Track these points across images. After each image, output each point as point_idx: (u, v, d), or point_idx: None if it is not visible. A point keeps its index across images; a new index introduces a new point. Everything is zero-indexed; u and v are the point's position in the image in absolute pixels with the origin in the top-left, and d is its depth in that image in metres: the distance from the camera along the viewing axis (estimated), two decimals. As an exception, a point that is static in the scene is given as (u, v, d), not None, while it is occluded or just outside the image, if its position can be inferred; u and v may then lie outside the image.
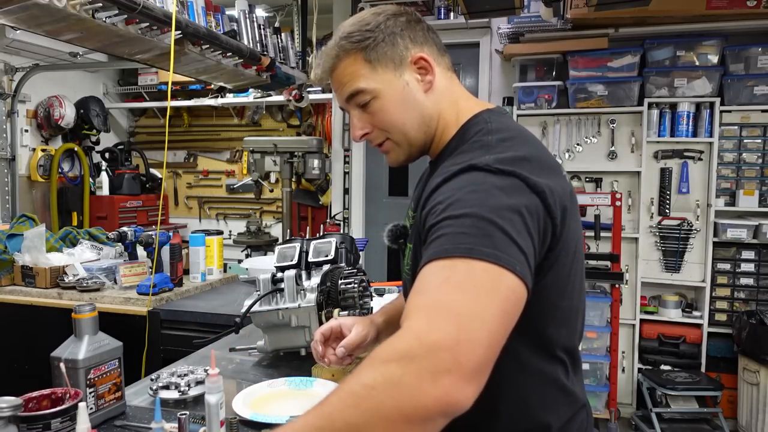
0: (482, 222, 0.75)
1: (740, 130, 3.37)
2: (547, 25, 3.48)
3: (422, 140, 1.01)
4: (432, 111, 0.99)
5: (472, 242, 0.73)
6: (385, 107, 0.97)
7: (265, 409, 1.19)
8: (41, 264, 2.51)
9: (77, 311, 1.15)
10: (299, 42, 3.85)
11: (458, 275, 0.72)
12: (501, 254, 0.73)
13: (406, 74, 0.97)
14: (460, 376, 0.64)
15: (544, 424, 0.92)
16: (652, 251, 3.54)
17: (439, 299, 0.70)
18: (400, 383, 0.64)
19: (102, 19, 2.12)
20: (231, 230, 5.37)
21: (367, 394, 0.65)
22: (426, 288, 0.73)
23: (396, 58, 0.96)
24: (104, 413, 1.16)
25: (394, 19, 0.98)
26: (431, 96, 0.98)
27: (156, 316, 2.24)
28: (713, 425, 3.31)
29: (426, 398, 0.63)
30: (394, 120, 0.98)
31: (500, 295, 0.72)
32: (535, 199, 0.81)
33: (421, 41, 0.98)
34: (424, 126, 0.99)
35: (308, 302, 1.44)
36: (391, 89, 0.97)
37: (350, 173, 4.33)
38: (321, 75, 1.03)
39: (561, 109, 3.59)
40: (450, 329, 0.66)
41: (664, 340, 3.50)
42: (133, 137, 5.73)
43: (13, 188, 4.50)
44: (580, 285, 0.97)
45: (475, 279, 0.71)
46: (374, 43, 0.96)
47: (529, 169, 0.82)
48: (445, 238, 0.76)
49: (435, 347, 0.65)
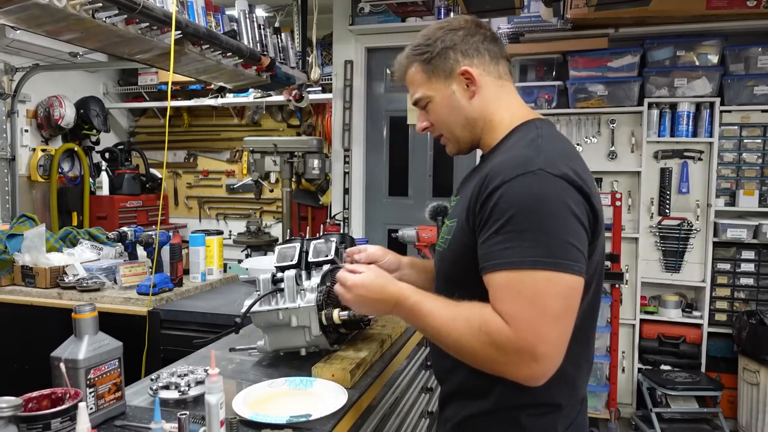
0: (542, 235, 0.95)
1: (740, 130, 3.37)
2: (547, 25, 3.49)
3: (468, 138, 1.19)
4: (476, 114, 1.16)
5: (535, 255, 0.94)
6: (436, 110, 1.18)
7: (265, 409, 1.19)
8: (41, 264, 2.51)
9: (77, 311, 1.15)
10: (299, 42, 3.85)
11: (528, 289, 0.94)
12: (559, 261, 0.94)
13: (454, 84, 1.15)
14: (534, 371, 0.94)
15: (540, 403, 1.07)
16: (652, 251, 3.54)
17: (518, 311, 0.94)
18: (493, 362, 0.98)
19: (102, 19, 2.11)
20: (231, 230, 5.37)
21: (468, 354, 1.01)
22: (505, 297, 0.96)
23: (447, 70, 1.15)
24: (104, 413, 1.16)
25: (453, 34, 1.15)
26: (476, 102, 1.15)
27: (156, 316, 2.24)
28: (713, 425, 3.31)
29: (509, 376, 0.97)
30: (442, 121, 1.19)
31: (562, 295, 0.94)
32: (580, 198, 0.99)
33: (472, 54, 1.14)
34: (469, 126, 1.17)
35: (308, 302, 1.44)
36: (441, 96, 1.16)
37: (350, 173, 4.33)
38: (397, 76, 1.24)
39: (561, 109, 3.59)
40: (529, 337, 0.93)
41: (664, 340, 3.50)
42: (133, 137, 5.73)
43: (13, 188, 4.50)
44: (599, 281, 1.12)
45: (542, 290, 0.94)
46: (430, 57, 1.15)
47: (575, 171, 1.00)
48: (511, 250, 0.96)
49: (520, 349, 0.93)
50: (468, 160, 4.15)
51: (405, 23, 4.00)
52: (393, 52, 4.23)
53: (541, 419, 1.08)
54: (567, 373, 1.04)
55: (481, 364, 1.01)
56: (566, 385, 1.08)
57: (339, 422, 1.18)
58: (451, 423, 1.17)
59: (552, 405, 1.08)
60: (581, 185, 0.99)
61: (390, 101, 4.35)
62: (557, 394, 1.07)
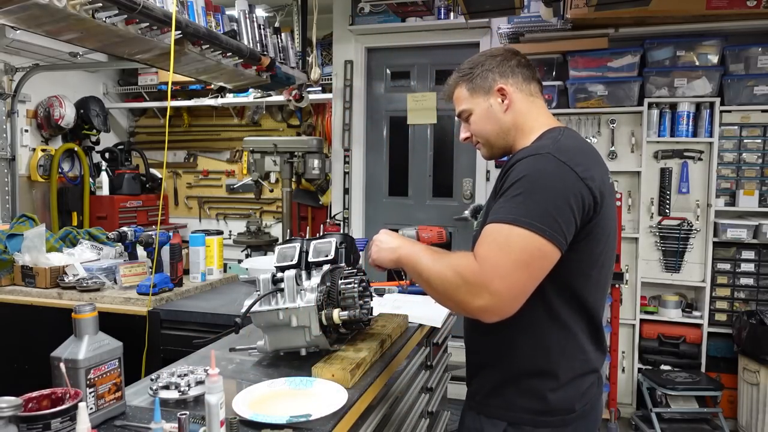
0: (530, 201, 1.13)
1: (740, 130, 3.37)
2: (547, 25, 3.48)
3: (502, 145, 1.38)
4: (509, 125, 1.35)
5: (517, 213, 1.13)
6: (475, 121, 1.38)
7: (265, 409, 1.19)
8: (41, 264, 2.51)
9: (77, 311, 1.15)
10: (299, 42, 3.85)
11: (502, 237, 1.13)
12: (536, 224, 1.11)
13: (491, 99, 1.35)
14: (488, 301, 1.11)
15: (555, 369, 1.24)
16: (652, 251, 3.54)
17: (488, 252, 1.13)
18: (457, 289, 1.15)
19: (102, 19, 2.12)
20: (231, 230, 5.37)
21: (440, 284, 1.19)
22: (483, 241, 1.16)
23: (486, 88, 1.35)
24: (104, 413, 1.16)
25: (492, 59, 1.37)
26: (509, 114, 1.34)
27: (156, 316, 2.24)
28: (713, 425, 3.31)
29: (466, 305, 1.15)
30: (480, 130, 1.38)
31: (528, 251, 1.11)
32: (579, 183, 1.16)
33: (507, 74, 1.35)
34: (503, 134, 1.36)
35: (308, 302, 1.44)
36: (480, 109, 1.36)
37: (350, 173, 4.33)
38: (446, 96, 1.46)
39: (561, 109, 3.59)
40: (489, 272, 1.11)
41: (664, 340, 3.50)
42: (133, 137, 5.73)
43: (13, 188, 4.50)
44: (609, 265, 1.30)
45: (512, 241, 1.12)
46: (473, 77, 1.37)
47: (579, 159, 1.19)
48: (503, 208, 1.16)
49: (480, 281, 1.11)
50: (468, 161, 4.16)
51: (405, 23, 4.01)
52: (393, 52, 4.29)
53: (561, 391, 1.24)
54: (578, 343, 1.25)
55: (448, 294, 1.18)
56: (580, 355, 1.27)
57: (339, 422, 1.18)
58: (480, 395, 1.34)
59: (556, 371, 1.25)
60: (582, 171, 1.16)
61: (390, 101, 4.35)
62: (568, 359, 1.25)
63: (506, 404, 1.28)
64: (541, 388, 1.24)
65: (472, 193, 4.14)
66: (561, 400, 1.25)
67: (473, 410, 1.35)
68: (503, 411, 1.28)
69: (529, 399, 1.25)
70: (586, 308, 1.26)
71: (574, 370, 1.26)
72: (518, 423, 1.26)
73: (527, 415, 1.25)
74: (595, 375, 1.32)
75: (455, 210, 4.14)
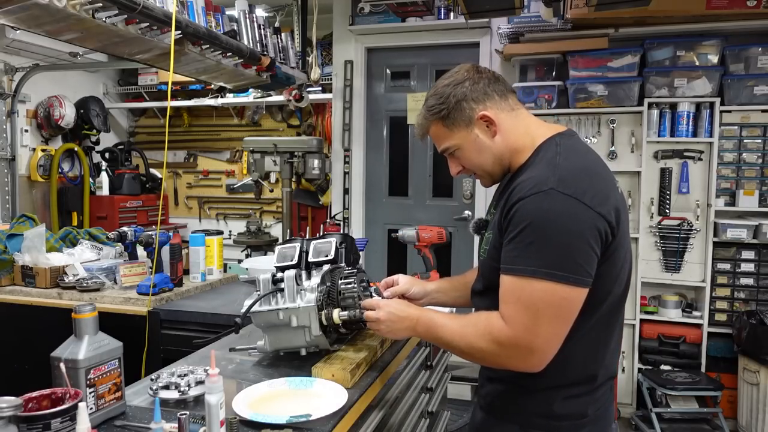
0: (544, 248, 1.10)
1: (740, 130, 3.37)
2: (547, 25, 3.48)
3: (499, 170, 1.31)
4: (502, 148, 1.28)
5: (536, 265, 1.10)
6: (465, 155, 1.31)
7: (265, 409, 1.19)
8: (41, 264, 2.51)
9: (77, 311, 1.15)
10: (299, 42, 3.85)
11: (526, 295, 1.11)
12: (556, 272, 1.09)
13: (476, 129, 1.27)
14: (530, 362, 1.15)
15: (574, 380, 1.23)
16: (652, 251, 3.54)
17: (516, 313, 1.13)
18: (497, 356, 1.18)
19: (102, 19, 2.12)
20: (231, 230, 5.38)
21: (478, 353, 1.20)
22: (507, 300, 1.15)
23: (465, 119, 1.27)
24: (104, 413, 1.16)
25: (460, 87, 1.27)
26: (498, 139, 1.27)
27: (156, 316, 2.24)
28: (713, 425, 3.31)
29: (511, 368, 1.18)
30: (473, 163, 1.32)
31: (555, 304, 1.11)
32: (593, 215, 1.11)
33: (482, 98, 1.26)
34: (498, 160, 1.29)
35: (308, 302, 1.44)
36: (467, 142, 1.29)
37: (350, 173, 4.33)
38: (419, 135, 1.38)
39: (561, 109, 3.59)
40: (524, 335, 1.12)
41: (664, 340, 3.50)
42: (133, 137, 5.73)
43: (13, 188, 4.50)
44: (628, 276, 1.27)
45: (537, 297, 1.10)
46: (447, 112, 1.27)
47: (585, 185, 1.13)
48: (519, 258, 1.13)
49: (517, 344, 1.13)
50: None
51: (405, 23, 4.01)
52: (393, 52, 4.29)
53: (575, 398, 1.23)
54: (597, 355, 1.24)
55: (489, 361, 1.22)
56: (597, 366, 1.25)
57: (339, 422, 1.18)
58: (492, 396, 1.33)
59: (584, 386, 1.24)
60: (591, 200, 1.11)
61: (390, 101, 4.35)
62: (588, 376, 1.24)
63: (518, 408, 1.26)
64: (555, 396, 1.23)
65: (472, 193, 4.14)
66: (574, 405, 1.23)
67: (483, 410, 1.35)
68: (515, 414, 1.27)
69: (542, 404, 1.23)
70: (609, 322, 1.24)
71: (591, 381, 1.24)
72: (530, 427, 1.24)
73: (539, 420, 1.24)
74: (610, 382, 1.31)
75: (455, 210, 4.14)
